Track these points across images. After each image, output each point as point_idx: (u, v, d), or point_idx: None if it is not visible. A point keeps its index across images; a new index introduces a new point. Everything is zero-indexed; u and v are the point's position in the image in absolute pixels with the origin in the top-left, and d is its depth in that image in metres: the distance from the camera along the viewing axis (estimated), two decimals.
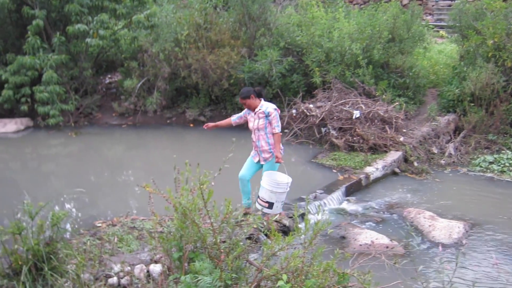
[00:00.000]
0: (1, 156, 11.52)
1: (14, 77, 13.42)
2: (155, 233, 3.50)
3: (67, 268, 3.95)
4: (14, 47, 14.77)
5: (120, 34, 14.72)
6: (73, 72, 14.38)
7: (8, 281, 3.76)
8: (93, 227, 6.37)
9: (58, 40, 13.68)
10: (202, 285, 3.03)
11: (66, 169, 10.67)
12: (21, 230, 3.84)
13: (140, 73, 13.78)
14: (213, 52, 12.87)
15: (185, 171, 3.47)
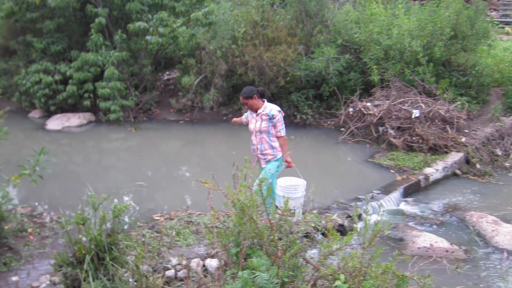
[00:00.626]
0: (65, 150, 11.96)
1: (78, 73, 13.94)
2: (213, 228, 3.53)
3: (127, 259, 4.05)
4: (78, 45, 15.31)
5: (179, 31, 15.00)
6: (133, 68, 14.77)
7: (72, 269, 3.90)
8: (151, 220, 6.51)
9: (119, 37, 14.07)
10: (259, 281, 3.02)
11: (126, 163, 10.96)
12: (85, 220, 3.97)
13: (197, 70, 13.98)
14: (269, 49, 12.88)
15: (244, 168, 3.47)
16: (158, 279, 4.24)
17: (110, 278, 3.86)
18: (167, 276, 4.49)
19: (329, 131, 12.32)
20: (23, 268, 4.94)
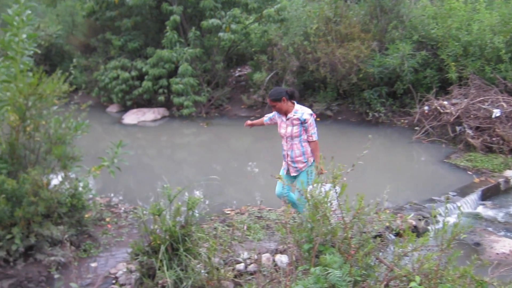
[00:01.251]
0: (140, 143, 12.37)
1: (153, 70, 14.38)
2: (286, 223, 3.52)
3: (200, 250, 4.12)
4: (154, 42, 15.79)
5: (251, 28, 15.12)
6: (206, 65, 15.04)
7: (147, 257, 4.02)
8: (223, 214, 6.59)
9: (193, 34, 14.38)
10: (332, 278, 2.99)
11: (197, 157, 11.18)
12: (160, 212, 4.08)
13: (269, 67, 14.02)
14: (342, 45, 12.71)
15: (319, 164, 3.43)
16: (229, 272, 4.29)
17: (183, 269, 3.94)
18: (238, 270, 4.52)
19: (402, 130, 12.00)
20: (102, 255, 5.14)
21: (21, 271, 4.54)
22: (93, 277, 4.62)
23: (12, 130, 5.04)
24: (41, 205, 4.66)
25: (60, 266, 4.70)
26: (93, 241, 5.43)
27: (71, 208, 5.25)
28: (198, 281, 3.88)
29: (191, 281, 3.80)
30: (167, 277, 3.73)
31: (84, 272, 4.71)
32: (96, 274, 4.69)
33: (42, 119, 5.21)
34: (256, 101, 14.27)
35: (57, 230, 4.81)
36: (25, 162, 5.14)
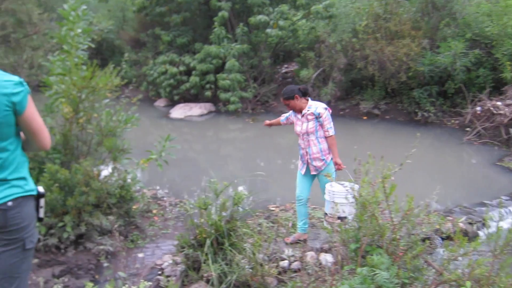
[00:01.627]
0: (186, 138, 12.53)
1: (201, 65, 14.52)
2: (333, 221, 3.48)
3: (245, 246, 4.13)
4: (202, 37, 15.95)
5: (299, 24, 15.05)
6: (253, 61, 15.07)
7: (193, 251, 4.06)
8: (267, 210, 6.60)
9: (241, 30, 14.43)
10: (379, 279, 2.93)
11: (242, 153, 11.23)
12: (207, 206, 4.11)
13: (316, 64, 13.93)
14: (391, 43, 12.48)
15: (366, 163, 3.38)
16: (273, 269, 4.29)
17: (227, 263, 3.96)
18: (282, 266, 4.51)
19: (452, 130, 11.69)
20: (148, 246, 5.24)
21: (71, 258, 4.67)
22: (140, 267, 4.71)
23: (66, 122, 5.20)
24: (91, 195, 4.79)
25: (109, 255, 4.81)
26: (140, 232, 5.54)
27: (120, 199, 5.37)
28: (242, 276, 3.88)
29: (236, 275, 3.81)
30: (212, 271, 3.76)
31: (131, 262, 4.81)
32: (143, 265, 4.78)
33: (94, 112, 5.35)
34: None
35: (107, 220, 4.93)
36: (77, 153, 5.29)
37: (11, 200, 2.24)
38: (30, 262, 2.46)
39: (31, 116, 2.27)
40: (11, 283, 2.37)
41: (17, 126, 2.27)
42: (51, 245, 4.70)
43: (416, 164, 6.26)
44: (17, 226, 2.28)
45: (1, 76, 2.16)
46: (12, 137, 2.25)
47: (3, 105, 2.13)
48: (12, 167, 2.27)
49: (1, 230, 2.26)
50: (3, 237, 2.28)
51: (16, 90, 2.16)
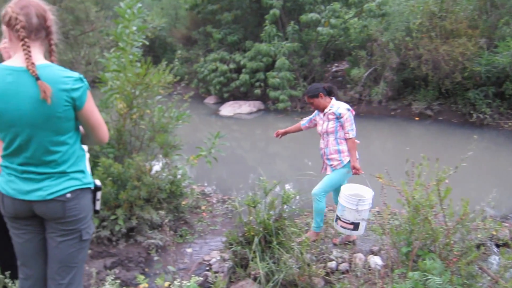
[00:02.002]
0: (235, 135, 12.60)
1: (251, 63, 14.57)
2: (384, 224, 3.42)
3: (292, 245, 4.11)
4: (252, 35, 16.00)
5: (350, 22, 14.88)
6: (303, 59, 15.01)
7: (241, 248, 4.08)
8: None
9: (292, 28, 14.39)
10: (432, 285, 2.86)
11: (290, 151, 11.19)
12: (256, 204, 4.12)
13: (367, 63, 13.74)
14: (447, 42, 12.15)
15: (420, 165, 3.30)
16: (320, 269, 4.25)
17: (275, 261, 3.96)
18: (329, 267, 4.47)
19: (510, 133, 11.28)
20: (196, 242, 5.30)
21: (122, 250, 4.79)
22: (188, 263, 4.77)
23: (119, 117, 5.33)
24: (143, 190, 4.88)
25: (159, 249, 4.90)
26: (189, 227, 5.61)
27: (170, 194, 5.46)
28: (290, 275, 3.87)
29: (283, 274, 3.81)
30: (260, 269, 3.77)
31: (179, 257, 4.88)
32: (191, 260, 4.84)
33: (147, 108, 5.46)
34: (353, 97, 14.05)
35: (157, 214, 5.02)
36: (130, 148, 5.42)
37: (69, 192, 2.32)
38: (86, 253, 2.54)
39: (90, 111, 2.33)
40: (68, 272, 2.45)
41: (77, 121, 2.34)
42: (103, 237, 4.83)
43: (471, 168, 6.05)
44: (75, 217, 2.36)
45: (62, 72, 2.22)
46: (71, 131, 2.33)
47: (63, 100, 2.20)
48: (71, 160, 2.34)
49: (60, 221, 2.34)
50: (61, 228, 2.36)
51: (76, 86, 2.22)
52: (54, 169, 2.31)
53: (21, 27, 2.19)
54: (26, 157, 2.29)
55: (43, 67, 2.21)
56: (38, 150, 2.27)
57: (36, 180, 2.31)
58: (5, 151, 2.33)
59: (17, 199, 2.33)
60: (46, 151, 2.28)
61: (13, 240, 2.51)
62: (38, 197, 2.29)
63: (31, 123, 2.21)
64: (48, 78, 2.17)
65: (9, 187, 2.34)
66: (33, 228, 2.44)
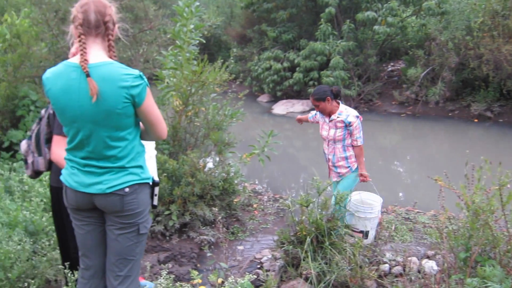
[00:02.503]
0: (287, 134, 12.58)
1: (305, 62, 14.51)
2: (442, 228, 3.32)
3: (345, 246, 4.06)
4: (307, 34, 15.94)
5: (408, 21, 14.56)
6: (358, 58, 14.81)
7: (293, 247, 4.07)
8: None
9: (347, 27, 14.22)
10: None
11: None
12: (308, 203, 4.10)
13: (425, 62, 13.41)
14: (509, 41, 11.68)
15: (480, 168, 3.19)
16: (373, 271, 4.18)
17: (326, 262, 3.92)
18: (382, 270, 4.39)
19: None
20: (248, 240, 5.33)
21: (175, 245, 4.87)
22: (239, 260, 4.80)
23: (175, 114, 5.42)
24: (197, 186, 4.95)
25: (211, 246, 4.96)
26: (240, 225, 5.65)
27: (223, 191, 5.51)
28: (341, 277, 3.83)
29: (335, 275, 3.77)
30: (311, 269, 3.74)
31: (231, 254, 4.92)
32: (243, 257, 4.87)
33: (202, 105, 5.53)
34: (409, 98, 13.74)
35: (210, 211, 5.07)
36: (185, 145, 5.51)
37: (128, 186, 2.37)
38: (143, 247, 2.59)
39: (149, 108, 2.37)
40: (126, 264, 2.52)
41: (136, 117, 2.39)
42: (157, 231, 4.93)
43: None
44: (133, 211, 2.41)
45: (122, 69, 2.27)
46: (131, 127, 2.37)
47: (122, 97, 2.24)
48: (130, 155, 2.39)
49: (118, 214, 2.40)
50: (119, 221, 2.42)
51: (136, 83, 2.26)
52: (114, 164, 2.36)
53: (79, 24, 2.25)
54: (88, 151, 2.36)
55: (104, 64, 2.26)
56: (98, 145, 2.33)
57: (97, 174, 2.37)
58: (69, 145, 2.41)
59: (79, 192, 2.40)
60: (106, 146, 2.33)
61: (75, 231, 2.60)
62: (98, 190, 2.36)
63: (91, 119, 2.27)
64: (109, 75, 2.23)
65: (72, 180, 2.42)
66: (93, 220, 2.51)
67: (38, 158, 3.02)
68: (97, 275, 2.62)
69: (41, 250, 3.94)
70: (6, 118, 6.47)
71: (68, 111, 2.30)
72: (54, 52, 7.49)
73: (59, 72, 2.31)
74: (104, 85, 2.22)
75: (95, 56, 2.28)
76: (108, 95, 2.23)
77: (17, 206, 4.33)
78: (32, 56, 6.82)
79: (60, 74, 2.30)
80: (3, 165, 5.68)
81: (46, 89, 2.34)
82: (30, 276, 3.64)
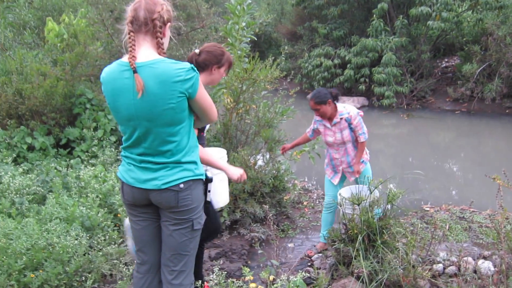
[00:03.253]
0: None
1: (356, 58, 14.35)
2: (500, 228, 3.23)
3: (397, 245, 4.01)
4: (359, 30, 15.75)
5: (464, 16, 14.14)
6: (411, 55, 14.52)
7: (344, 245, 4.04)
8: (421, 210, 6.34)
9: (400, 22, 13.96)
10: None
11: (394, 149, 10.90)
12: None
13: (481, 58, 12.98)
14: None
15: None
16: (426, 271, 4.11)
17: (378, 261, 3.88)
18: (435, 270, 4.31)
19: None
20: (298, 237, 5.33)
21: (226, 242, 4.93)
22: (290, 257, 4.82)
23: (226, 112, 5.48)
24: (248, 184, 5.00)
25: (262, 243, 4.99)
26: (290, 222, 5.66)
27: (273, 188, 5.53)
28: (394, 276, 3.78)
29: (387, 275, 3.72)
30: (363, 267, 3.71)
31: (281, 251, 4.94)
32: (293, 255, 4.88)
33: (253, 103, 5.56)
34: (464, 94, 13.34)
35: (260, 208, 5.11)
36: (236, 142, 5.56)
37: (182, 182, 2.41)
38: (197, 242, 2.63)
39: (203, 98, 2.41)
40: (180, 260, 2.56)
41: (190, 110, 2.43)
42: None
43: None
44: (187, 207, 2.45)
45: (174, 65, 2.29)
46: (185, 121, 2.40)
47: (177, 92, 2.27)
48: (184, 150, 2.42)
49: (173, 210, 2.44)
50: (174, 217, 2.47)
51: (189, 76, 2.28)
52: (169, 159, 2.40)
53: (129, 21, 2.30)
54: (144, 147, 2.40)
55: (156, 62, 2.29)
56: (155, 140, 2.37)
57: (153, 170, 2.41)
58: (126, 142, 2.47)
59: (135, 187, 2.46)
60: (162, 142, 2.37)
61: (131, 226, 2.67)
62: (154, 186, 2.40)
63: (147, 117, 2.31)
64: (162, 72, 2.26)
65: (129, 176, 2.48)
66: (149, 216, 2.57)
67: None
68: (152, 270, 2.68)
69: (97, 245, 4.07)
70: (64, 116, 6.70)
71: (123, 110, 2.35)
72: (109, 51, 7.71)
73: (112, 71, 2.37)
74: (158, 83, 2.25)
75: (146, 54, 2.31)
76: (163, 91, 2.26)
77: (74, 201, 4.48)
78: (88, 55, 7.03)
79: (113, 73, 2.36)
80: (60, 162, 5.88)
81: (103, 89, 2.42)
82: (86, 271, 3.78)
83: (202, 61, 3.20)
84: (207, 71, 3.24)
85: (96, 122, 6.67)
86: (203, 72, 3.19)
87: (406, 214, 5.95)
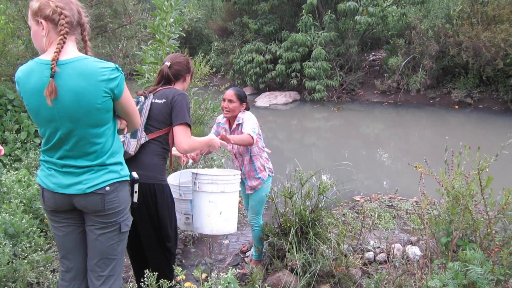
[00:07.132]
0: (271, 126, 12.59)
1: (287, 53, 14.53)
2: (423, 214, 3.36)
3: (329, 236, 4.09)
4: (289, 25, 15.94)
5: (389, 10, 14.61)
6: (340, 49, 14.86)
7: (277, 239, 4.08)
8: (352, 201, 6.50)
9: (328, 18, 14.25)
10: (472, 275, 2.80)
11: (326, 142, 11.13)
12: (292, 195, 4.11)
13: (405, 51, 13.50)
14: (488, 28, 11.80)
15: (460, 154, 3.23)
16: (358, 260, 4.22)
17: (311, 253, 3.94)
18: (366, 258, 4.44)
19: None
20: (233, 234, 5.33)
21: None
22: (225, 254, 4.81)
23: None
24: None
25: (195, 241, 4.95)
26: None
27: None
28: (327, 266, 3.85)
29: (320, 265, 3.79)
30: (297, 260, 3.76)
31: (216, 248, 4.92)
32: (228, 251, 4.88)
33: None
34: (390, 87, 13.84)
35: None
36: None
37: (108, 185, 2.34)
38: (125, 245, 2.56)
39: (127, 100, 2.36)
40: (108, 264, 2.48)
41: (114, 112, 2.37)
42: None
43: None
44: (114, 210, 2.38)
45: (98, 63, 2.22)
46: (110, 122, 2.34)
47: (102, 91, 2.20)
48: (109, 152, 2.36)
49: (99, 214, 2.36)
50: (100, 220, 2.38)
51: (113, 76, 2.23)
52: (93, 162, 2.32)
53: (66, 22, 2.20)
54: (65, 150, 2.30)
55: (80, 59, 2.21)
56: (78, 142, 2.28)
57: (76, 174, 2.32)
58: (45, 145, 2.35)
59: (57, 193, 2.35)
60: (86, 143, 2.29)
61: (53, 233, 2.55)
62: (78, 190, 2.31)
63: (70, 117, 2.22)
64: (86, 70, 2.18)
65: (49, 181, 2.36)
66: (72, 221, 2.47)
67: (131, 139, 2.97)
68: (78, 277, 2.57)
69: (22, 253, 3.89)
70: None
71: (43, 110, 2.23)
72: (31, 49, 7.37)
73: (30, 70, 2.25)
74: (82, 81, 2.17)
75: (69, 51, 2.23)
76: (87, 91, 2.18)
77: None
78: (8, 53, 6.71)
79: (31, 72, 2.24)
80: None
81: (19, 89, 2.28)
82: (11, 280, 3.59)
83: (175, 72, 3.24)
84: (180, 80, 3.29)
85: (18, 124, 6.38)
86: (177, 82, 3.26)
87: (338, 205, 6.08)
